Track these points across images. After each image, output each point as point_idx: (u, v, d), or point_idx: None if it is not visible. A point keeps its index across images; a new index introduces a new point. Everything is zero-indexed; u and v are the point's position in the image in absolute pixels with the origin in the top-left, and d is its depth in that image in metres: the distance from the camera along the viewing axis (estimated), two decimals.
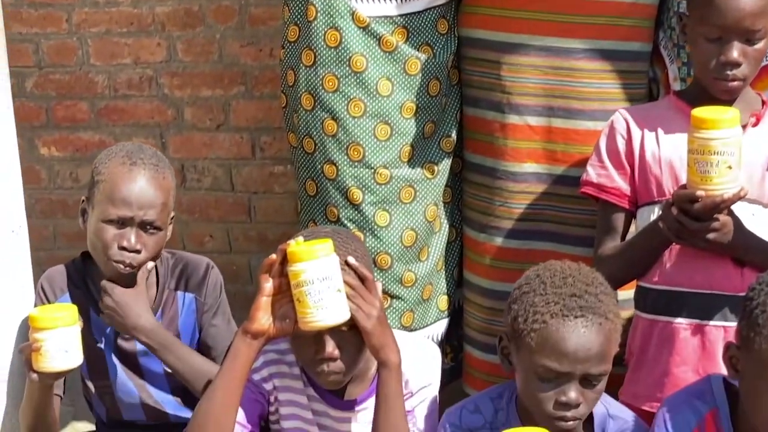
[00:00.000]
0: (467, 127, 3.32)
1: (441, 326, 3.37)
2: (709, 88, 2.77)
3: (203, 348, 2.94)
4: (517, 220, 3.22)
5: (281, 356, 2.74)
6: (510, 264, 3.22)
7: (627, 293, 3.02)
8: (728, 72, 2.72)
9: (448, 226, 3.35)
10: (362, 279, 2.56)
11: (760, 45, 2.72)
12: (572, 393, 2.44)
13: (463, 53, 3.28)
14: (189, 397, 2.92)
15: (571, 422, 2.46)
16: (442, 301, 3.36)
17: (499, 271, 3.25)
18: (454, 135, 3.29)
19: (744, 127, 2.77)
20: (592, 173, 2.92)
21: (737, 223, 2.69)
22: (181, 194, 4.32)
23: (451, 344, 3.44)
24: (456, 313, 3.41)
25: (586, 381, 2.45)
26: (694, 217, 2.63)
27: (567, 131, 3.15)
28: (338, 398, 2.71)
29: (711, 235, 2.65)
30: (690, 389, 2.57)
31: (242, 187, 4.31)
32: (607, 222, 2.91)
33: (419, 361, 2.72)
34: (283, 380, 2.74)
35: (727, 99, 2.76)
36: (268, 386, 2.73)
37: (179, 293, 2.95)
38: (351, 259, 2.56)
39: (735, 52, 2.70)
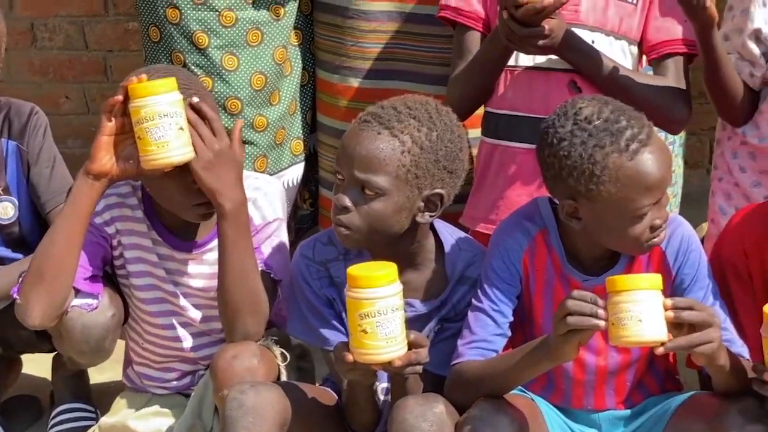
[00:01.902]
0: None
1: (297, 171, 3.34)
2: None
3: (33, 200, 2.88)
4: (371, 60, 3.19)
5: (123, 199, 2.69)
6: (365, 105, 3.11)
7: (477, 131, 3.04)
8: None
9: (300, 68, 3.30)
10: (205, 118, 2.52)
11: None
12: None
13: None
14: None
15: None
16: (296, 145, 3.33)
17: (354, 112, 3.14)
18: None
19: None
20: None
21: (570, 33, 2.71)
22: (33, 55, 4.20)
23: (309, 189, 3.42)
24: (312, 158, 3.39)
25: None
26: (522, 23, 2.63)
27: None
28: (181, 240, 2.69)
29: (540, 42, 2.67)
30: (520, 212, 2.60)
31: (96, 46, 4.19)
32: (462, 45, 2.90)
33: (261, 197, 2.70)
34: (125, 224, 2.70)
35: None
36: (110, 230, 2.70)
37: (2, 140, 2.86)
38: (195, 99, 2.51)
39: None
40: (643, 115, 2.42)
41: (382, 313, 2.28)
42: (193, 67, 3.13)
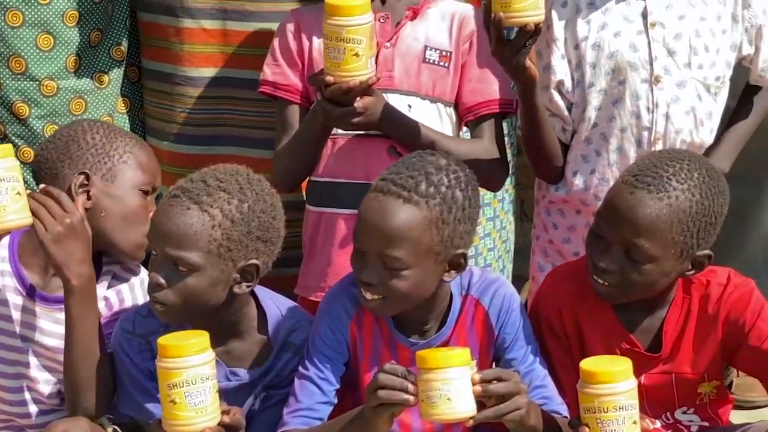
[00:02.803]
0: (143, 33, 3.24)
1: None
2: None
3: None
4: (199, 126, 3.19)
5: None
6: (194, 171, 3.17)
7: None
8: None
9: None
10: (52, 195, 2.52)
11: None
12: None
13: None
14: None
15: None
16: None
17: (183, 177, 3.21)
18: (125, 43, 3.22)
19: (400, 22, 2.86)
20: (267, 72, 2.94)
21: (386, 106, 2.76)
22: None
23: None
24: None
25: None
26: (336, 102, 2.67)
27: (242, 33, 3.12)
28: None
29: (355, 119, 2.71)
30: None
31: None
32: (284, 119, 2.94)
33: (138, 285, 2.72)
34: None
35: None
36: None
37: None
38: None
39: None
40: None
41: (190, 383, 2.28)
42: (14, 138, 3.10)
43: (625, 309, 2.60)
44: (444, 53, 2.86)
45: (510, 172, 3.29)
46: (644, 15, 2.80)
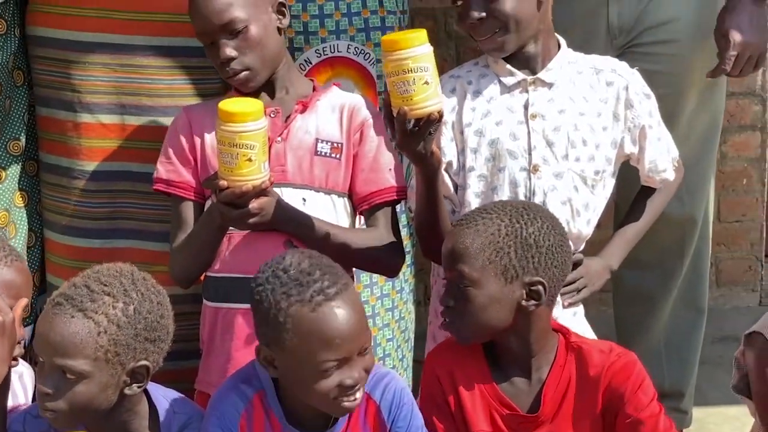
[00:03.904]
0: (41, 127, 3.26)
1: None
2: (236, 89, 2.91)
3: None
4: (97, 220, 3.20)
5: None
6: (93, 264, 3.16)
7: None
8: (228, 69, 2.84)
9: (26, 230, 3.28)
10: None
11: (246, 34, 2.82)
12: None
13: (31, 52, 3.22)
14: None
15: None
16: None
17: (82, 272, 3.20)
18: (23, 138, 3.22)
19: (290, 115, 2.90)
20: (161, 169, 2.96)
21: (280, 204, 2.79)
22: None
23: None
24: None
25: None
26: (231, 204, 2.71)
27: (140, 128, 3.15)
28: None
29: (251, 220, 2.74)
30: (237, 374, 2.63)
31: None
32: (179, 216, 2.95)
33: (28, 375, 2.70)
34: None
35: (246, 90, 2.88)
36: None
37: None
38: None
39: (223, 51, 2.82)
40: (341, 272, 2.50)
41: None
42: None
43: (505, 374, 2.66)
44: (335, 145, 2.91)
45: (410, 261, 3.34)
46: (526, 106, 2.87)
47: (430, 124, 2.61)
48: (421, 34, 2.60)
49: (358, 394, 2.48)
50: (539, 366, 2.66)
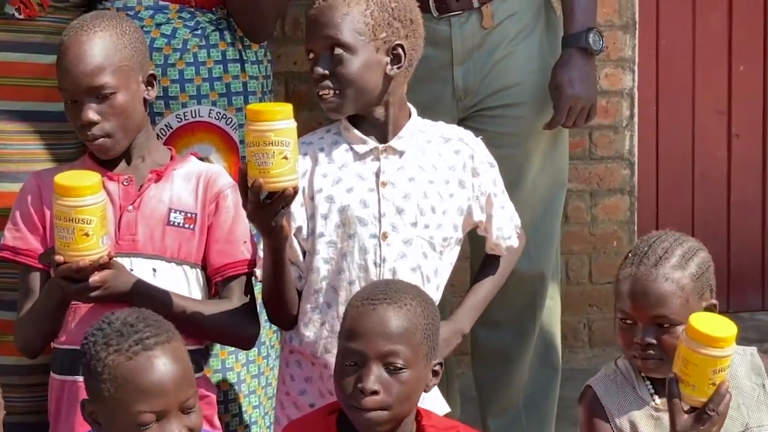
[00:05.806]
0: None
1: None
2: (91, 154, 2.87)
3: None
4: None
5: None
6: None
7: None
8: (88, 133, 2.80)
9: None
10: None
11: (113, 101, 2.79)
12: None
13: None
14: None
15: None
16: None
17: None
18: None
19: (143, 184, 2.86)
20: (8, 237, 2.89)
21: (125, 276, 2.76)
22: None
23: None
24: None
25: None
26: (71, 279, 2.67)
27: None
28: None
29: (93, 294, 2.71)
30: None
31: None
32: (25, 284, 2.89)
33: None
34: None
35: (104, 158, 2.85)
36: None
37: None
38: None
39: (86, 113, 2.77)
40: (169, 327, 2.45)
41: None
42: None
43: None
44: (189, 215, 2.87)
45: (276, 327, 3.29)
46: (377, 174, 2.87)
47: (283, 199, 2.60)
48: (287, 108, 2.60)
49: None
50: None
